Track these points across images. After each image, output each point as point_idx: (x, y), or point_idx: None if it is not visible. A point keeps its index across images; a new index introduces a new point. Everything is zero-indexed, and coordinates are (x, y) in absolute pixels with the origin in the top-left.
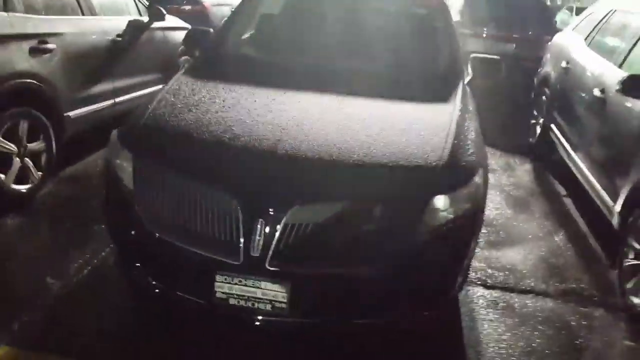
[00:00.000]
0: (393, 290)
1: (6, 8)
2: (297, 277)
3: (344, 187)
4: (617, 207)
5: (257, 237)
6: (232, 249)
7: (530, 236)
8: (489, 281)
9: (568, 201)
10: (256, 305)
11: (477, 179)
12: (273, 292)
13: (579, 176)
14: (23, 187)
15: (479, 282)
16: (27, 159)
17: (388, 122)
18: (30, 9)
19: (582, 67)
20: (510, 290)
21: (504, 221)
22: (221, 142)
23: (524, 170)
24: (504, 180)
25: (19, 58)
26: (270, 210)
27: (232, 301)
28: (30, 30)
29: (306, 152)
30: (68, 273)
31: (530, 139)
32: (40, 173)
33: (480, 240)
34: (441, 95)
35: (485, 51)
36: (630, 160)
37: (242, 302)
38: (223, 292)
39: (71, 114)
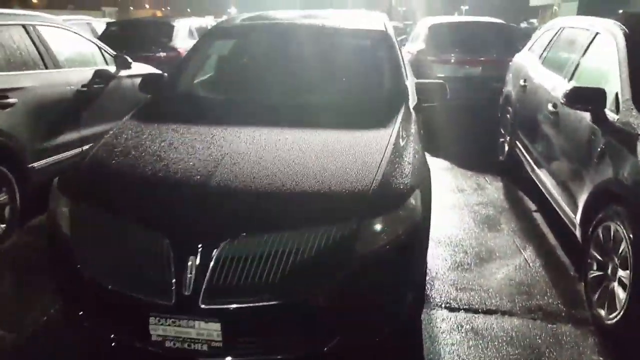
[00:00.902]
0: (335, 317)
1: None
2: (230, 315)
3: (275, 218)
4: (578, 219)
5: (189, 275)
6: (165, 289)
7: (497, 254)
8: (453, 303)
9: (538, 216)
10: (192, 346)
11: (413, 200)
12: (207, 332)
13: (543, 190)
14: None
15: (443, 306)
16: None
17: (325, 151)
18: None
19: (537, 84)
20: (475, 311)
21: (472, 241)
22: (154, 182)
23: (494, 189)
24: (474, 199)
25: None
26: (200, 246)
27: (167, 344)
28: None
29: (237, 186)
30: (24, 324)
31: (500, 157)
32: (3, 225)
33: (446, 261)
34: (380, 121)
35: (454, 75)
36: (584, 171)
37: (177, 344)
38: (158, 335)
39: (36, 164)
